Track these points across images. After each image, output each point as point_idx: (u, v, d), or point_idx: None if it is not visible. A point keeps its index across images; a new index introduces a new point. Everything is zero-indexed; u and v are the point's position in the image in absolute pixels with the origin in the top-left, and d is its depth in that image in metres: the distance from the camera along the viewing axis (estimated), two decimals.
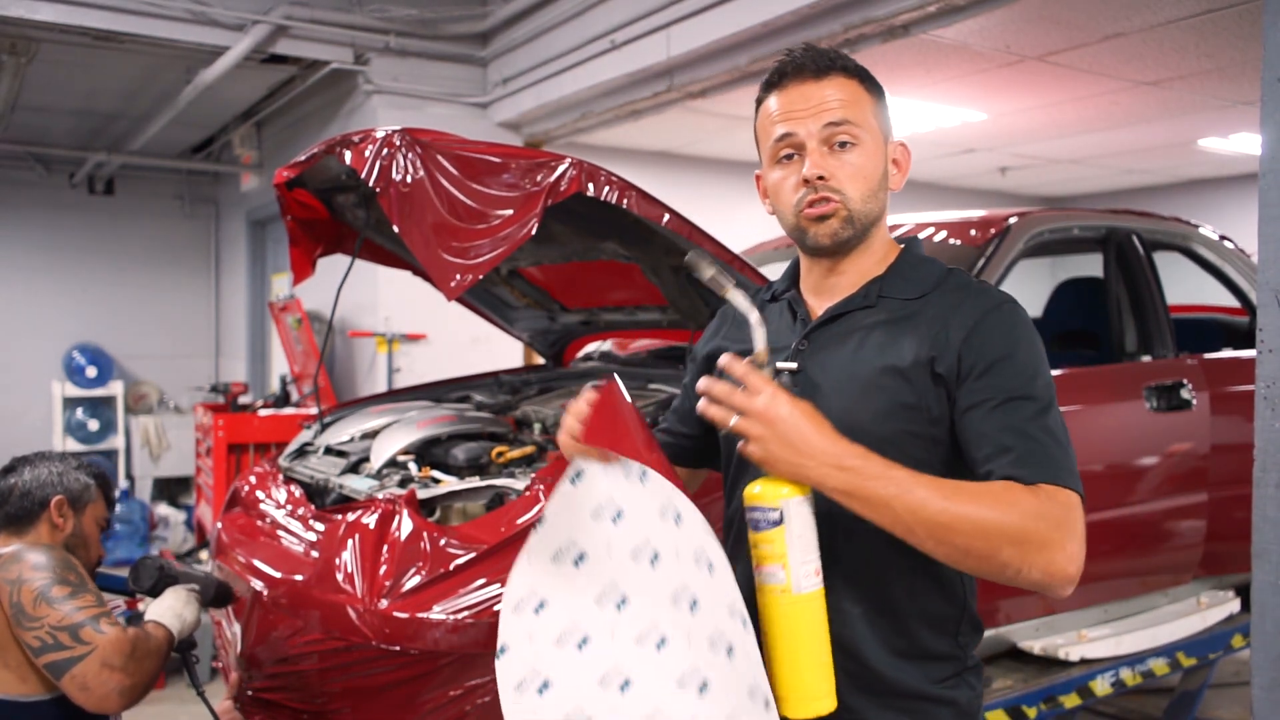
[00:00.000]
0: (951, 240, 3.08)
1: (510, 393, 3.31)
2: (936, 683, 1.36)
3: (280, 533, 2.40)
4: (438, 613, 1.90)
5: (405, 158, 2.03)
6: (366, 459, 2.62)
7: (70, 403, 7.86)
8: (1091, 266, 3.58)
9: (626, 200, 2.10)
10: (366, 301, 5.69)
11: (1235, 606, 3.27)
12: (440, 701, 1.90)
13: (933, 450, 1.33)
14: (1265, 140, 1.65)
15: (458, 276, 1.97)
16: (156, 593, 2.17)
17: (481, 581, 1.93)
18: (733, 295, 1.33)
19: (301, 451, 2.94)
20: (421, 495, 2.22)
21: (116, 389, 7.99)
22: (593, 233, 2.60)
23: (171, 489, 7.75)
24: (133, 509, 6.85)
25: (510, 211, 2.00)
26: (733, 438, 1.47)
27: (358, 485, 2.44)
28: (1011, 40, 4.66)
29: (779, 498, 1.24)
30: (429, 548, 2.00)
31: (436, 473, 2.43)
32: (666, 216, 2.18)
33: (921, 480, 1.20)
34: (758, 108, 1.47)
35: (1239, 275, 3.62)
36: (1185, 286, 4.24)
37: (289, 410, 5.83)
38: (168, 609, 2.11)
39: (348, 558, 2.03)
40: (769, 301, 1.56)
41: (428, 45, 5.59)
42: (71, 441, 7.74)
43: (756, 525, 1.26)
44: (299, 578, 2.11)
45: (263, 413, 5.78)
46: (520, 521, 2.02)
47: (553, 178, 2.01)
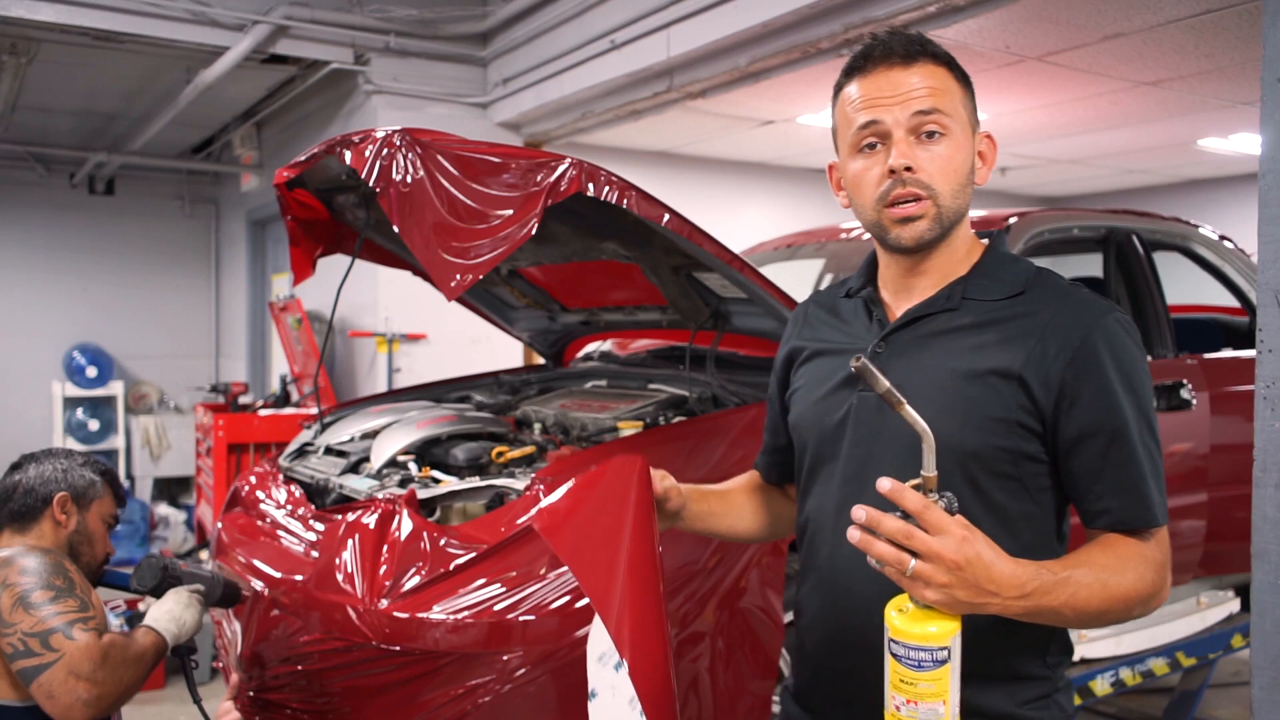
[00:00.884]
0: None
1: (510, 393, 3.31)
2: (1024, 704, 1.30)
3: (280, 533, 2.40)
4: (438, 613, 1.90)
5: (405, 158, 2.03)
6: (366, 459, 2.62)
7: (70, 403, 7.86)
8: (1091, 266, 3.58)
9: (626, 200, 2.10)
10: (366, 301, 5.70)
11: (1235, 606, 3.27)
12: (441, 701, 1.90)
13: (1023, 467, 1.26)
14: (1265, 140, 1.65)
15: (458, 276, 1.97)
16: (159, 593, 2.16)
17: (481, 581, 1.93)
18: (906, 411, 1.15)
19: (302, 451, 2.94)
20: (421, 495, 2.22)
21: (117, 389, 7.99)
22: (593, 233, 2.60)
23: (172, 489, 7.76)
24: (133, 509, 6.86)
25: (510, 211, 2.00)
26: (807, 435, 1.43)
27: (358, 485, 2.44)
28: (1011, 40, 4.66)
29: (948, 635, 1.10)
30: (429, 548, 2.00)
31: (436, 473, 2.43)
32: (666, 216, 2.18)
33: (1081, 576, 1.16)
34: (836, 94, 1.37)
35: (1239, 275, 3.62)
36: (1185, 286, 4.24)
37: (289, 410, 5.83)
38: (165, 613, 2.10)
39: (348, 558, 2.03)
40: (844, 298, 1.48)
41: (428, 45, 5.59)
42: (72, 441, 7.74)
43: (919, 665, 1.11)
44: (299, 578, 2.11)
45: (263, 413, 5.78)
46: (520, 521, 2.02)
47: (553, 178, 2.01)
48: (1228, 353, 3.50)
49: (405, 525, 2.05)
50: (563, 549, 1.28)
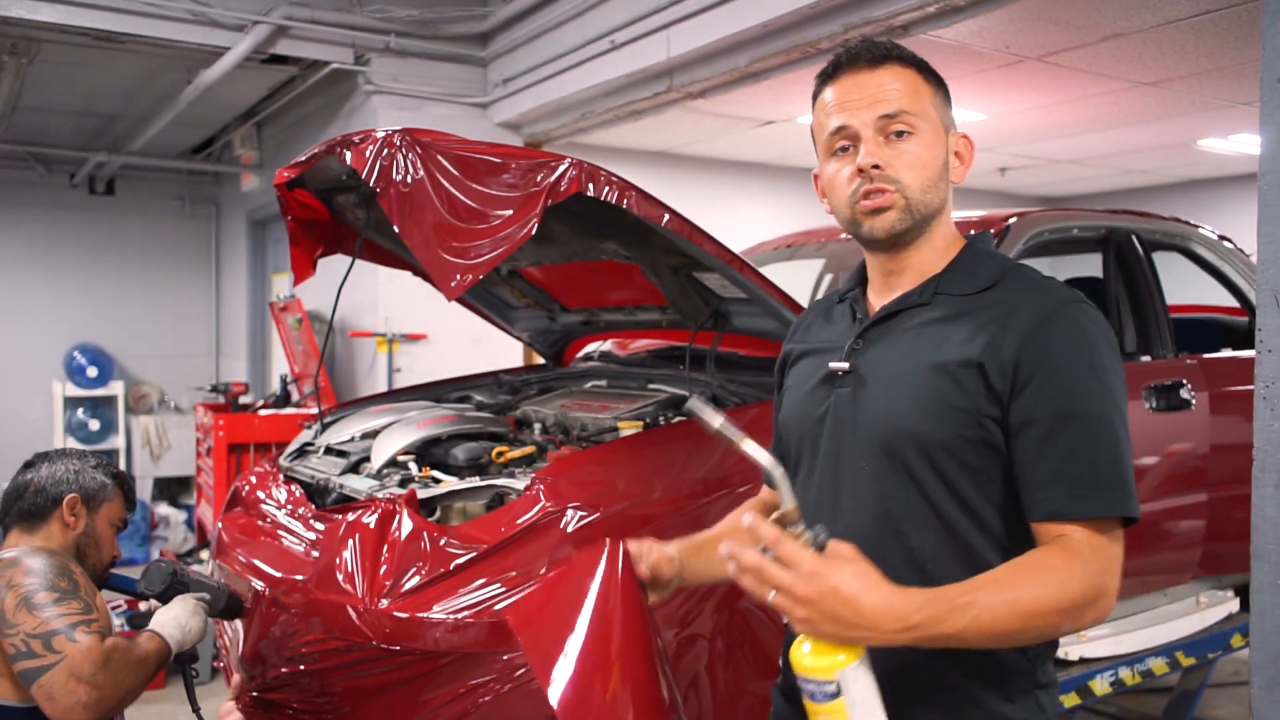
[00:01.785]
0: None
1: (510, 393, 3.31)
2: (1006, 701, 1.29)
3: (281, 533, 2.40)
4: (438, 612, 1.90)
5: (405, 158, 2.03)
6: (367, 459, 2.62)
7: (71, 403, 7.87)
8: (1091, 266, 3.58)
9: (626, 200, 2.10)
10: (366, 301, 5.70)
11: (1234, 606, 3.27)
12: (441, 701, 1.90)
13: (988, 457, 1.26)
14: (1265, 140, 1.65)
15: (458, 276, 1.97)
16: (166, 598, 2.16)
17: (481, 581, 1.93)
18: (748, 447, 1.19)
19: (302, 451, 2.94)
20: (421, 495, 2.22)
21: (117, 389, 7.99)
22: (593, 233, 2.60)
23: (172, 489, 7.76)
24: None
25: (510, 211, 2.00)
26: (791, 433, 1.45)
27: (358, 485, 2.44)
28: (1011, 40, 4.66)
29: (834, 669, 1.08)
30: (429, 548, 2.00)
31: (436, 473, 2.43)
32: (666, 216, 2.18)
33: (984, 597, 1.12)
34: (814, 102, 1.41)
35: (1238, 275, 3.62)
36: (1185, 286, 4.24)
37: (289, 410, 5.84)
38: (172, 618, 2.10)
39: (348, 558, 2.03)
40: (837, 303, 1.52)
41: (428, 45, 5.59)
42: (72, 441, 7.74)
43: (811, 696, 1.11)
44: (300, 578, 2.11)
45: (263, 413, 5.78)
46: (520, 521, 2.02)
47: (553, 178, 2.01)
48: (1227, 353, 3.50)
49: (405, 525, 2.05)
50: (529, 646, 1.26)
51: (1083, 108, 6.04)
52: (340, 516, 2.21)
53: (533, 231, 1.97)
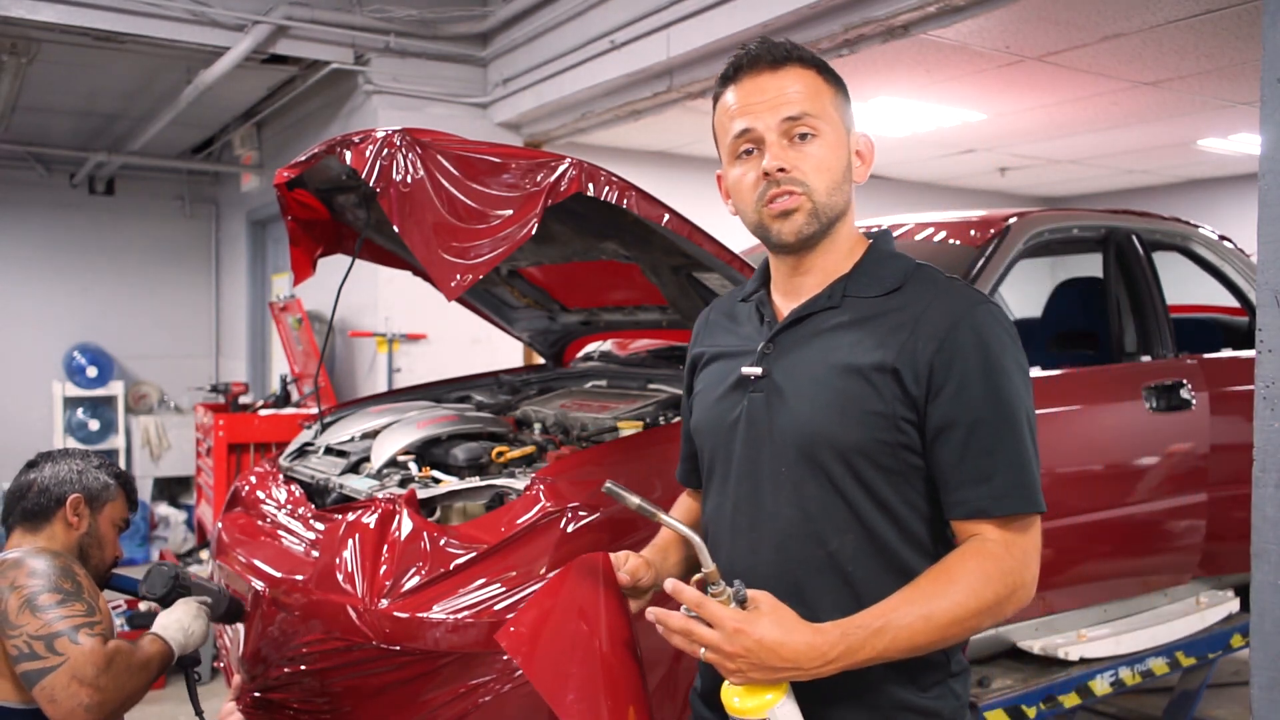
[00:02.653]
0: (951, 240, 3.08)
1: (510, 393, 3.31)
2: (921, 691, 1.32)
3: (281, 533, 2.40)
4: (438, 612, 1.90)
5: (405, 158, 2.03)
6: (367, 459, 2.62)
7: (70, 403, 7.87)
8: (1091, 266, 3.58)
9: (626, 200, 2.10)
10: (366, 301, 5.70)
11: (1234, 606, 3.27)
12: (441, 701, 1.90)
13: (905, 459, 1.29)
14: (1265, 140, 1.65)
15: (458, 276, 1.97)
16: (167, 602, 2.15)
17: (481, 581, 1.93)
18: (665, 519, 1.28)
19: (302, 451, 2.94)
20: (421, 495, 2.22)
21: (117, 389, 7.99)
22: (593, 233, 2.60)
23: (172, 489, 7.76)
24: None
25: (510, 211, 2.00)
26: (704, 438, 1.46)
27: (358, 485, 2.44)
28: (1011, 40, 4.66)
29: (764, 709, 1.17)
30: (429, 548, 2.00)
31: (436, 473, 2.43)
32: (666, 216, 2.18)
33: (898, 618, 1.18)
34: (715, 104, 1.42)
35: (1238, 275, 3.62)
36: (1185, 286, 4.24)
37: (289, 410, 5.84)
38: (174, 622, 2.09)
39: (348, 558, 2.03)
40: (740, 303, 1.53)
41: (428, 45, 5.59)
42: (72, 441, 7.74)
43: None
44: (299, 578, 2.11)
45: (263, 413, 5.78)
46: (520, 521, 2.02)
47: (553, 178, 2.01)
48: (1228, 353, 3.50)
49: (405, 525, 2.05)
50: (529, 668, 1.28)
51: (1083, 108, 6.04)
52: (340, 516, 2.21)
53: (533, 231, 1.97)
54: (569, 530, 2.00)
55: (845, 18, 3.82)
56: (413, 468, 2.48)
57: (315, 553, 2.18)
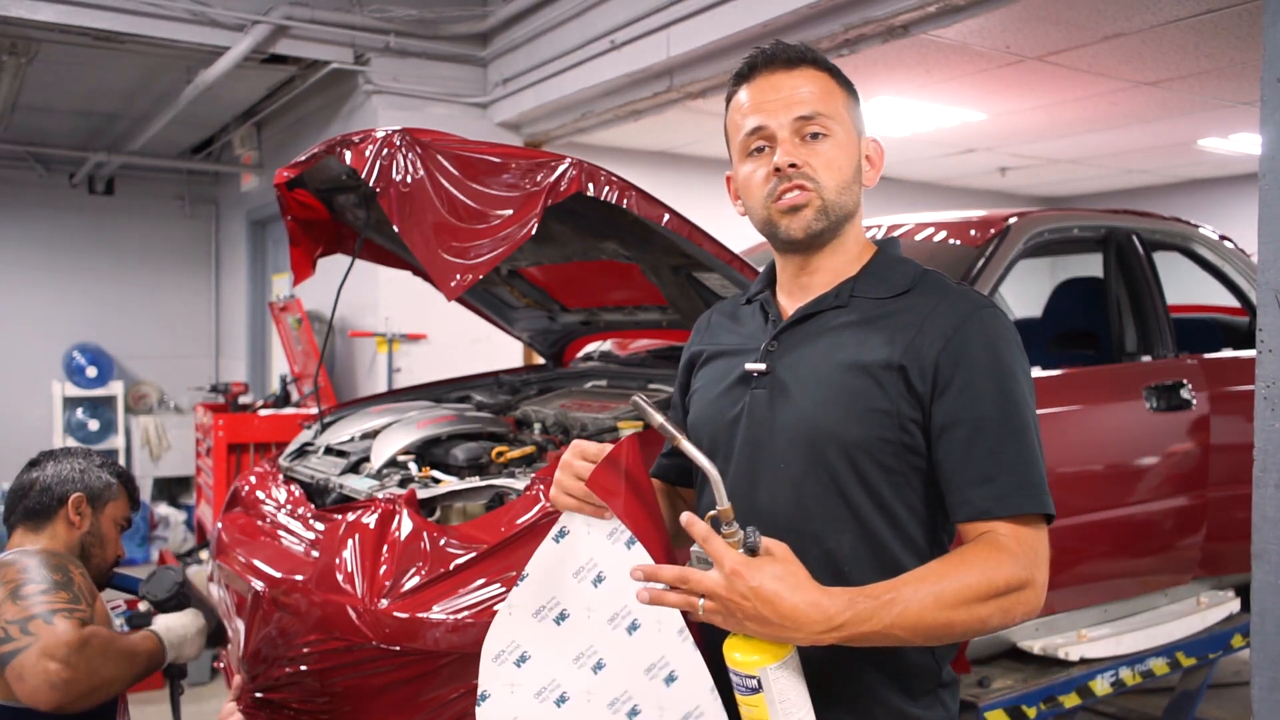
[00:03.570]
0: (951, 240, 3.08)
1: (510, 393, 3.31)
2: (910, 700, 1.31)
3: (280, 533, 2.40)
4: (438, 613, 1.90)
5: (405, 158, 2.03)
6: (366, 459, 2.62)
7: (70, 403, 7.87)
8: (1091, 266, 3.58)
9: (626, 200, 2.10)
10: (366, 301, 5.70)
11: (1235, 606, 3.27)
12: (441, 701, 1.90)
13: (907, 460, 1.29)
14: (1265, 140, 1.65)
15: (458, 276, 1.97)
16: (165, 607, 2.15)
17: (481, 581, 1.93)
18: (686, 446, 1.23)
19: (302, 451, 2.94)
20: (421, 495, 2.22)
21: (116, 389, 7.99)
22: (593, 233, 2.60)
23: (171, 489, 7.76)
24: None
25: (510, 211, 2.00)
26: (703, 433, 1.44)
27: (358, 485, 2.44)
28: (1011, 40, 4.66)
29: (755, 666, 1.12)
30: (429, 548, 2.00)
31: (436, 473, 2.43)
32: (666, 216, 2.18)
33: (910, 592, 1.15)
34: (728, 104, 1.43)
35: (1239, 275, 3.62)
36: (1185, 286, 4.24)
37: (289, 410, 5.83)
38: (177, 625, 2.09)
39: (348, 558, 2.03)
40: (744, 304, 1.53)
41: (428, 45, 5.59)
42: (71, 441, 7.74)
43: (736, 687, 1.16)
44: (299, 578, 2.11)
45: (263, 413, 5.78)
46: (520, 521, 2.02)
47: (553, 178, 2.01)
48: (1228, 353, 3.50)
49: (405, 525, 2.05)
50: (619, 509, 1.29)
51: (1083, 108, 6.04)
52: (340, 516, 2.21)
53: (533, 231, 1.97)
54: None
55: (845, 17, 3.82)
56: (412, 468, 2.48)
57: (315, 553, 2.18)
